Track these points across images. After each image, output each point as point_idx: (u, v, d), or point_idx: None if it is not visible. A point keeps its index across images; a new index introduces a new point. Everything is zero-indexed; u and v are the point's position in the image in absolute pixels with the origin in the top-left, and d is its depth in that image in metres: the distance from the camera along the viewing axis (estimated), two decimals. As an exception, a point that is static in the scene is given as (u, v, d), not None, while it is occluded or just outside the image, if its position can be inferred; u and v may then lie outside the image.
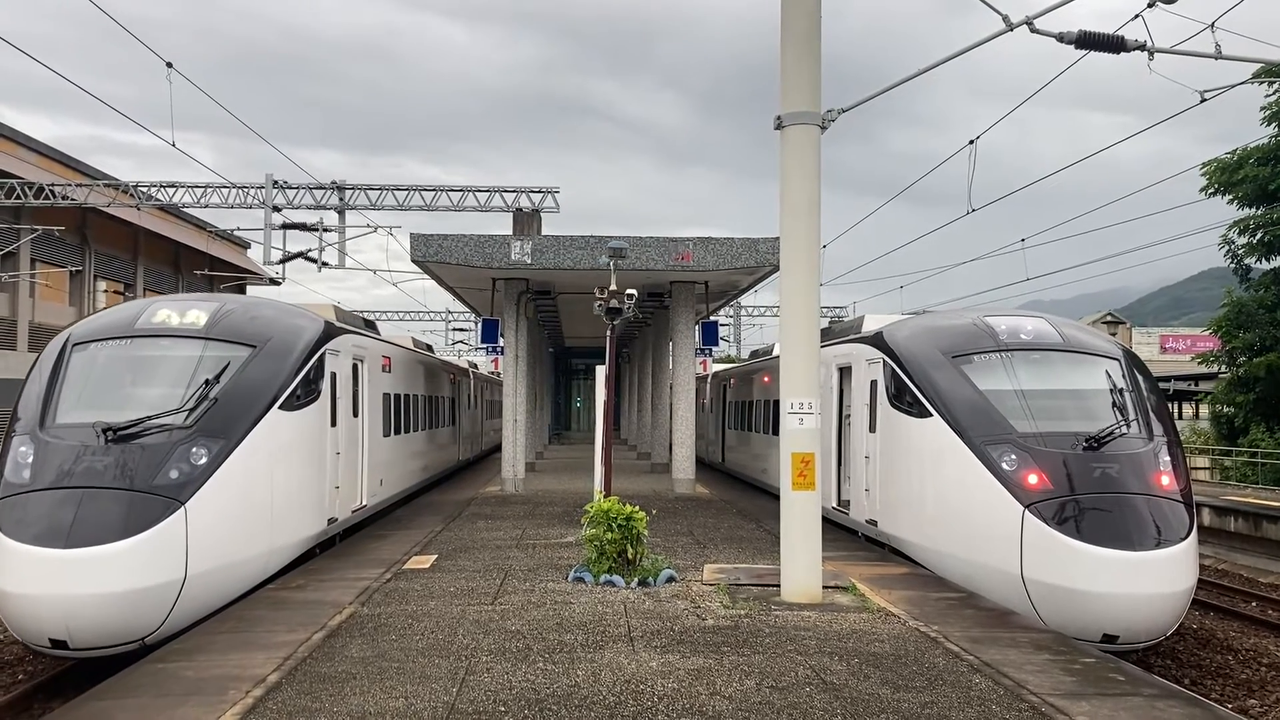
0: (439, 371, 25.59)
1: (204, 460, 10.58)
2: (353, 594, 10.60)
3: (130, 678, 7.59)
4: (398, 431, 19.05)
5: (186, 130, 25.03)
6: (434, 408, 24.03)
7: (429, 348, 27.50)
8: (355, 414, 15.30)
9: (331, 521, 13.72)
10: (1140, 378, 12.55)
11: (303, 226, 28.00)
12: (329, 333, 13.69)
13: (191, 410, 11.02)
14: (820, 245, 10.78)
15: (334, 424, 13.73)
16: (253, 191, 27.45)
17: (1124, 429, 11.55)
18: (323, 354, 13.14)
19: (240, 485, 10.94)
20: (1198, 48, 12.14)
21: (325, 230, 27.91)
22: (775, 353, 20.90)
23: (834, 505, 15.90)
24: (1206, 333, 38.90)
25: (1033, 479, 11.06)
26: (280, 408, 11.75)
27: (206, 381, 11.33)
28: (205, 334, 12.01)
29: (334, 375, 13.70)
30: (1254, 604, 16.20)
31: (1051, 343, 12.79)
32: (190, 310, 12.31)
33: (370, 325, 19.14)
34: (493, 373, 43.46)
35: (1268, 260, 32.21)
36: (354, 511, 15.21)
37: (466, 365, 34.89)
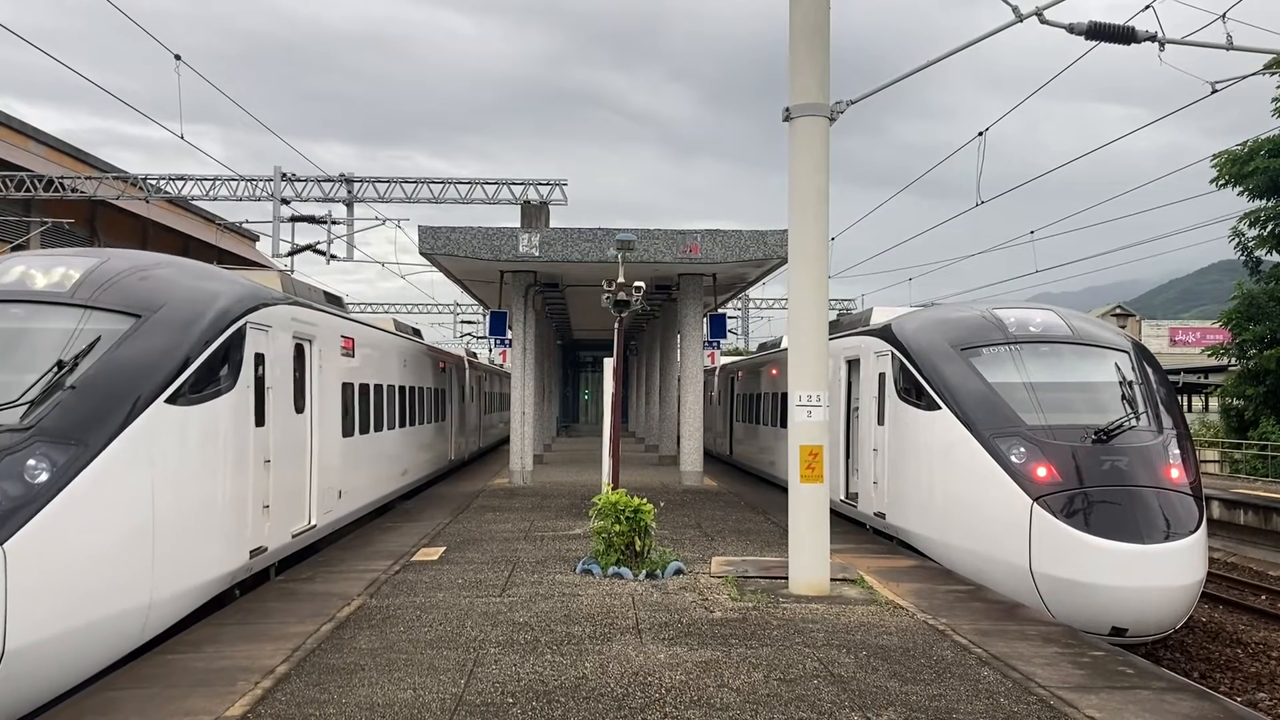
0: (425, 359, 22.57)
1: (43, 477, 7.46)
2: (361, 586, 10.63)
3: (140, 669, 7.62)
4: (365, 430, 15.84)
5: (195, 123, 25.05)
6: (418, 400, 21.07)
7: (416, 332, 24.33)
8: (300, 409, 12.27)
9: (258, 552, 10.62)
10: (1150, 370, 12.51)
11: (311, 219, 28.07)
12: (255, 302, 10.66)
13: (32, 404, 7.96)
14: (829, 237, 10.76)
15: (261, 422, 10.73)
16: (261, 184, 27.49)
17: (1133, 422, 11.53)
18: (242, 329, 10.11)
19: (100, 513, 7.81)
20: (1209, 39, 12.07)
21: (333, 223, 27.95)
22: (783, 345, 20.89)
23: (842, 498, 15.90)
24: (1216, 325, 38.79)
25: (1041, 472, 11.04)
26: (170, 400, 8.67)
27: (61, 364, 8.31)
28: (71, 299, 8.98)
29: (261, 358, 10.77)
30: (1264, 597, 16.17)
31: (1060, 335, 12.76)
32: (57, 268, 9.37)
33: (336, 301, 15.93)
34: (493, 361, 43.06)
35: (1278, 253, 32.08)
36: (297, 535, 12.15)
37: (463, 353, 31.65)
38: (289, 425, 11.83)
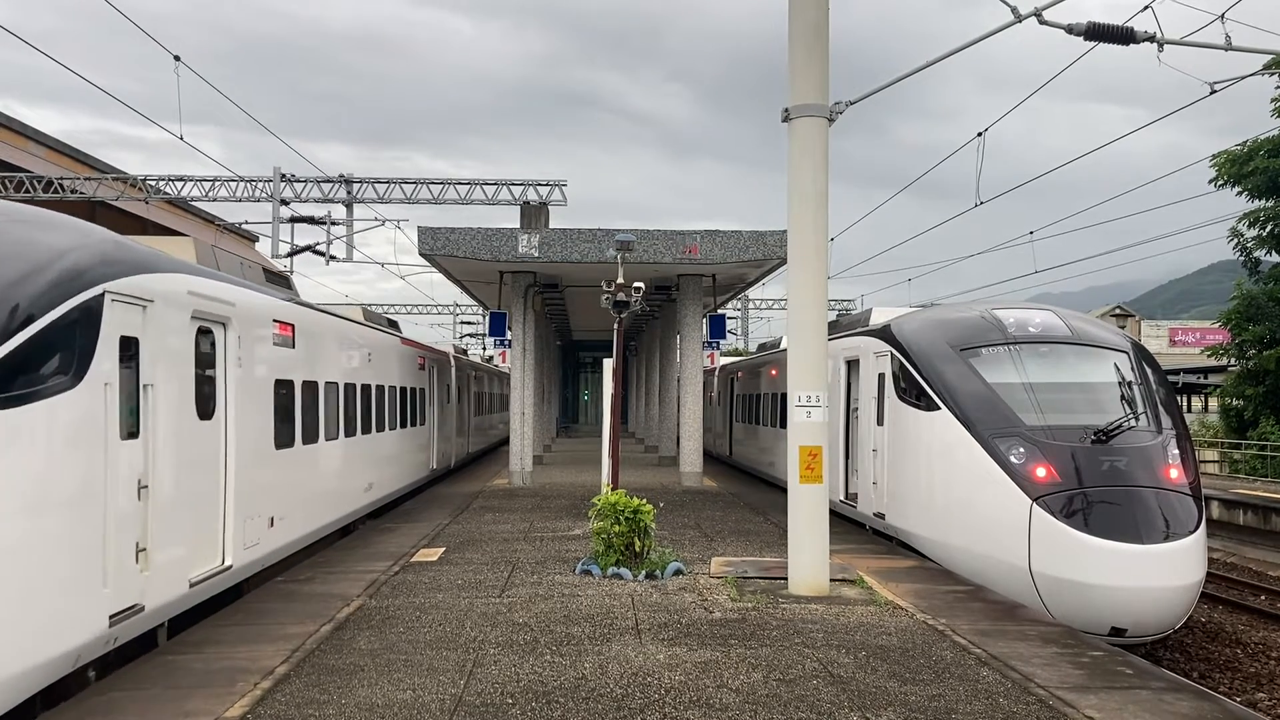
0: (399, 353, 19.67)
1: None
2: (361, 586, 10.63)
3: (139, 670, 7.62)
4: (311, 438, 12.96)
5: (194, 124, 25.06)
6: (389, 401, 18.24)
7: (392, 324, 21.32)
8: (206, 413, 9.51)
9: (127, 614, 7.70)
10: (1149, 370, 12.52)
11: (310, 220, 28.09)
12: (124, 267, 7.89)
13: None
14: (828, 238, 10.77)
15: (133, 433, 7.92)
16: (260, 185, 27.50)
17: (1133, 422, 11.53)
18: (95, 301, 7.32)
19: None
20: (1208, 39, 12.08)
21: (333, 224, 27.97)
22: (783, 346, 20.90)
23: (841, 498, 15.90)
24: (1216, 326, 38.82)
25: (1041, 472, 11.04)
26: None
27: None
28: None
29: (133, 344, 7.95)
30: (1263, 597, 16.17)
31: (1060, 336, 12.77)
32: None
33: (281, 281, 13.45)
34: (486, 358, 42.45)
35: (1277, 253, 32.10)
36: (201, 581, 9.22)
37: (449, 349, 28.86)
38: (186, 436, 8.95)
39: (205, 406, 9.54)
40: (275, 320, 11.70)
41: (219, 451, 9.87)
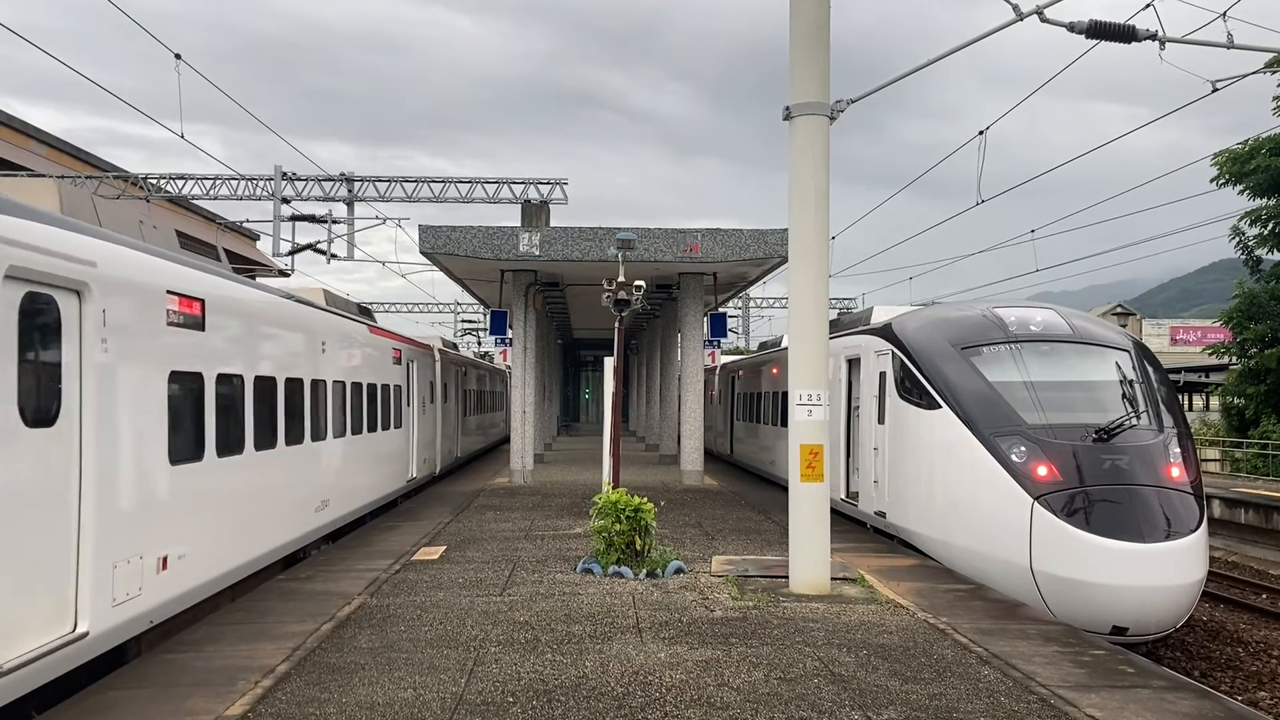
0: (367, 344, 16.66)
1: None
2: (361, 585, 10.63)
3: (139, 669, 7.62)
4: (230, 448, 10.10)
5: (195, 122, 25.02)
6: (353, 400, 15.32)
7: (364, 310, 18.15)
8: (43, 418, 6.81)
9: None
10: (1150, 369, 12.52)
11: (311, 218, 28.07)
12: None
13: None
14: (829, 236, 10.77)
15: None
16: (261, 183, 27.48)
17: (1134, 421, 11.53)
18: None
19: None
20: (1209, 37, 12.07)
21: (334, 222, 27.95)
22: (784, 344, 20.88)
23: (842, 497, 15.89)
24: (1217, 324, 38.81)
25: (1042, 471, 11.04)
26: None
27: None
28: None
29: None
30: (1264, 596, 16.16)
31: (1061, 334, 12.76)
32: None
33: (200, 248, 11.28)
34: (483, 354, 42.13)
35: (1279, 251, 32.09)
36: (24, 665, 6.37)
37: (436, 341, 25.93)
38: (19, 451, 6.45)
39: (39, 407, 6.79)
40: (172, 292, 8.79)
41: (67, 470, 7.10)
